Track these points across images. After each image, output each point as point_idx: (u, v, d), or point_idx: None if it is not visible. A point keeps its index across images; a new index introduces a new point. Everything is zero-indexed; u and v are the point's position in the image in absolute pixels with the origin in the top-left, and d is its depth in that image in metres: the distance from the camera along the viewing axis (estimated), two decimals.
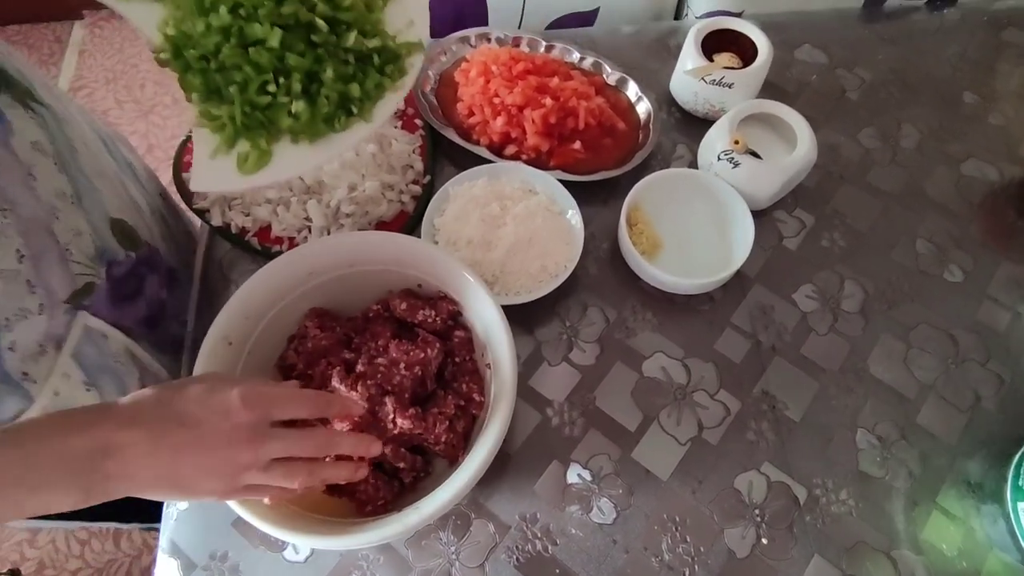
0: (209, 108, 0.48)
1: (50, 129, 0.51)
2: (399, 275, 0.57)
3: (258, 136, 0.48)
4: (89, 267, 0.53)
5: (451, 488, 0.45)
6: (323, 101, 0.49)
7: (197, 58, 0.47)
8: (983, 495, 0.57)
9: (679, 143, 0.75)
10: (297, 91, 0.48)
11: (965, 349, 0.63)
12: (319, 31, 0.48)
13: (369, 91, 0.50)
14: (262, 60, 0.47)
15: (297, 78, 0.48)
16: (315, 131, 0.49)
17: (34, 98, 0.51)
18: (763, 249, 0.68)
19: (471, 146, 0.71)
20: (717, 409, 0.60)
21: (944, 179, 0.73)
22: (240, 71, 0.47)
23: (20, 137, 0.48)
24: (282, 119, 0.48)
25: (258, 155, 0.48)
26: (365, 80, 0.50)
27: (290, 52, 0.47)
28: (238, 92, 0.47)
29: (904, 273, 0.67)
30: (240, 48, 0.47)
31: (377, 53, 0.51)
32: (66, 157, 0.52)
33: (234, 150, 0.48)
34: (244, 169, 0.47)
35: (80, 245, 0.52)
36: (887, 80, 0.80)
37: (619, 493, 0.57)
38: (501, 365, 0.50)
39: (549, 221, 0.64)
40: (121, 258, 0.57)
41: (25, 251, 0.46)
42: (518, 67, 0.72)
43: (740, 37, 0.73)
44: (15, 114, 0.48)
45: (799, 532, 0.55)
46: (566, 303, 0.65)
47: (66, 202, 0.51)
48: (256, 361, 0.55)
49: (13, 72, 0.50)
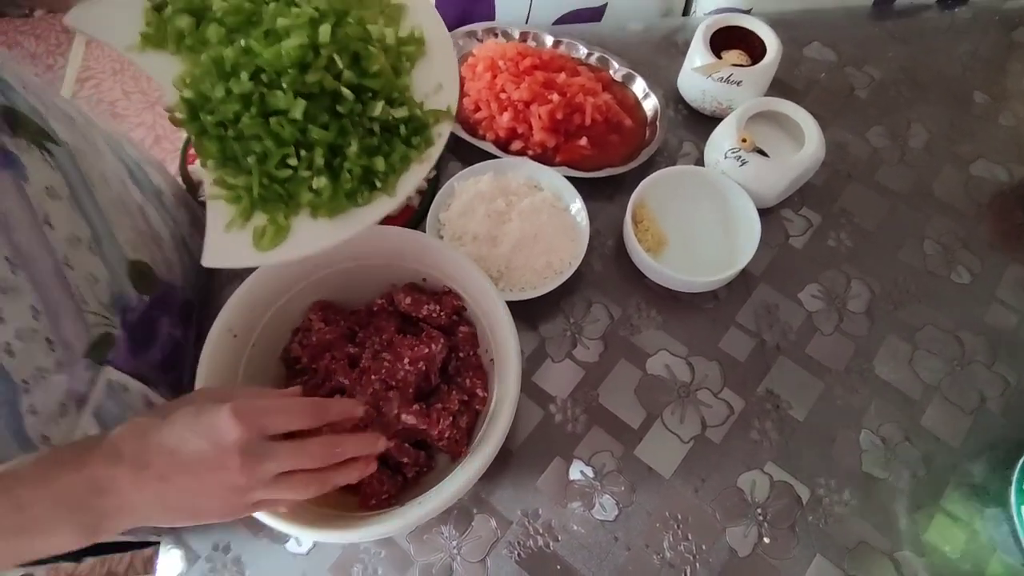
0: (224, 176, 0.45)
1: (65, 169, 0.48)
2: (404, 269, 0.57)
3: (276, 210, 0.45)
4: (105, 316, 0.50)
5: (454, 484, 0.45)
6: (346, 176, 0.45)
7: (214, 124, 0.44)
8: (987, 498, 0.57)
9: (686, 140, 0.75)
10: (320, 166, 0.45)
11: (971, 351, 0.63)
12: (345, 101, 0.45)
13: (394, 164, 0.47)
14: (284, 133, 0.44)
15: (320, 152, 0.45)
16: (336, 207, 0.46)
17: (50, 138, 0.47)
18: (769, 248, 0.68)
19: (477, 141, 0.71)
20: (721, 408, 0.60)
21: (953, 179, 0.73)
22: (260, 142, 0.44)
23: (35, 183, 0.44)
24: (302, 194, 0.45)
25: (275, 230, 0.45)
26: (391, 153, 0.47)
27: (313, 124, 0.44)
28: (256, 163, 0.44)
29: (911, 274, 0.67)
30: (261, 118, 0.44)
31: (404, 123, 0.47)
32: (82, 196, 0.49)
33: (249, 223, 0.45)
34: (260, 245, 0.44)
35: (96, 292, 0.49)
36: (897, 79, 0.80)
37: (621, 490, 0.56)
38: (505, 361, 0.50)
39: (554, 217, 0.63)
40: (135, 303, 0.54)
41: (40, 306, 0.44)
42: (525, 62, 0.72)
43: (749, 34, 0.73)
44: (30, 158, 0.45)
45: (801, 532, 0.55)
46: (570, 300, 0.65)
47: (82, 247, 0.48)
48: (260, 353, 0.55)
49: (27, 111, 0.47)
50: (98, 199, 0.51)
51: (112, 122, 1.83)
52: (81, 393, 0.49)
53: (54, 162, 0.47)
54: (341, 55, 0.44)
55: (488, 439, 0.47)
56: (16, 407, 0.44)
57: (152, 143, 1.80)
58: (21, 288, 0.42)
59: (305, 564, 0.54)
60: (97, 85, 1.90)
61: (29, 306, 0.43)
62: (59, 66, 1.94)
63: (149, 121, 1.84)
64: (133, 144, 0.67)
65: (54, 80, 1.91)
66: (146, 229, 0.59)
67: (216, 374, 0.50)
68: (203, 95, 0.44)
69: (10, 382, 0.43)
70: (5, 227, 0.42)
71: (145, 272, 0.56)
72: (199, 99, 0.44)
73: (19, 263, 0.42)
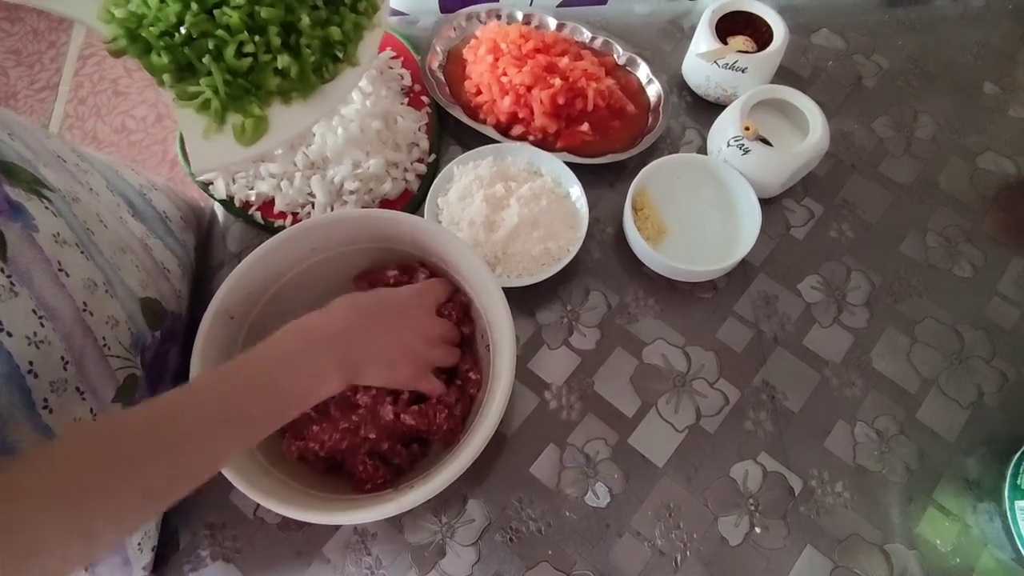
0: (184, 87, 0.45)
1: (64, 215, 0.47)
2: (402, 254, 0.57)
3: (248, 103, 0.46)
4: (128, 358, 0.50)
5: (446, 471, 0.45)
6: (307, 51, 0.46)
7: (158, 36, 0.44)
8: (980, 492, 0.57)
9: (689, 128, 0.74)
10: (277, 45, 0.45)
11: (971, 345, 0.62)
12: None
13: (348, 33, 0.48)
14: (232, 20, 0.44)
15: (274, 31, 0.45)
16: (306, 85, 0.47)
17: (44, 185, 0.46)
18: (769, 238, 0.67)
19: (478, 125, 0.70)
20: (716, 398, 0.60)
21: (958, 171, 0.72)
22: (211, 37, 0.44)
23: (43, 232, 0.43)
24: (268, 79, 0.46)
25: (254, 122, 0.45)
26: (342, 22, 0.48)
27: (258, 5, 0.44)
28: (213, 61, 0.44)
29: (912, 266, 0.66)
30: (204, 13, 0.43)
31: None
32: (85, 242, 0.48)
33: (226, 125, 0.45)
34: (243, 140, 0.45)
35: (117, 335, 0.49)
36: (905, 68, 0.78)
37: (614, 478, 0.57)
38: (501, 348, 0.50)
39: (554, 203, 0.63)
40: (149, 341, 0.54)
41: (68, 356, 0.43)
42: (528, 46, 0.71)
43: (755, 19, 0.71)
44: (34, 207, 0.44)
45: (793, 522, 0.55)
46: (568, 287, 0.65)
47: (99, 292, 0.47)
48: (258, 335, 0.55)
49: (17, 160, 0.45)
50: (99, 242, 0.50)
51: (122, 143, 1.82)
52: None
53: (54, 208, 0.46)
54: None
55: (481, 426, 0.47)
56: None
57: (154, 121, 1.79)
58: (51, 340, 0.42)
59: (299, 542, 0.55)
60: (100, 63, 1.89)
61: (59, 357, 0.42)
62: (62, 43, 1.93)
63: (151, 99, 1.83)
64: (135, 169, 0.65)
65: (57, 56, 1.90)
66: (151, 265, 0.57)
67: (211, 354, 0.50)
68: (135, 14, 0.44)
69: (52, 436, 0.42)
70: (29, 281, 0.41)
71: (155, 308, 0.55)
72: (133, 18, 0.44)
73: (46, 314, 0.42)
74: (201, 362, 0.49)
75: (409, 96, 0.74)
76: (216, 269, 0.66)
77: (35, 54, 1.91)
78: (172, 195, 0.68)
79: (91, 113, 1.82)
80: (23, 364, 0.39)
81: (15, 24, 1.96)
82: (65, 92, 1.86)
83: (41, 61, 1.90)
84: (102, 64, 1.89)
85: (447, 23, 0.77)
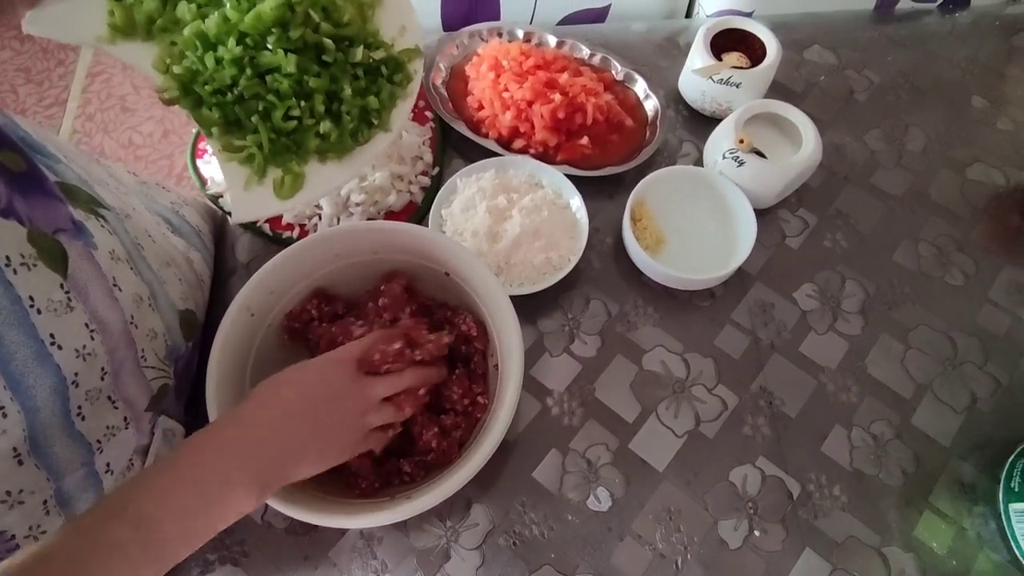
0: (231, 140, 0.49)
1: (118, 233, 0.49)
2: (420, 267, 0.58)
3: (287, 160, 0.49)
4: (162, 369, 0.52)
5: (454, 478, 0.46)
6: (347, 118, 0.50)
7: (211, 93, 0.47)
8: (975, 496, 0.58)
9: (685, 141, 0.76)
10: (321, 112, 0.49)
11: (964, 352, 0.64)
12: (328, 50, 0.49)
13: (384, 101, 0.52)
14: (283, 87, 0.47)
15: (320, 100, 0.49)
16: (343, 147, 0.50)
17: (98, 203, 0.48)
18: (765, 247, 0.69)
19: (480, 139, 0.72)
20: (715, 403, 0.61)
21: (949, 183, 0.73)
22: (261, 100, 0.48)
23: (102, 249, 0.46)
24: (310, 141, 0.50)
25: (293, 178, 0.49)
26: (380, 92, 0.52)
27: (306, 75, 0.48)
28: (261, 120, 0.48)
29: (905, 275, 0.68)
30: (257, 77, 0.47)
31: (384, 64, 0.53)
32: (136, 258, 0.51)
33: (267, 178, 0.49)
34: (282, 194, 0.49)
35: (155, 347, 0.51)
36: (896, 83, 0.81)
37: (616, 482, 0.58)
38: (508, 358, 0.51)
39: (555, 214, 0.65)
40: (183, 352, 0.56)
41: (108, 367, 0.45)
42: (528, 62, 0.73)
43: (749, 36, 0.74)
44: (92, 225, 0.46)
45: (791, 526, 0.56)
46: (569, 296, 0.66)
47: (144, 305, 0.49)
48: (274, 333, 0.57)
49: (75, 181, 0.47)
50: (147, 256, 0.53)
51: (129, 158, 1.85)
52: (144, 446, 0.51)
53: (109, 227, 0.48)
54: (315, 10, 0.48)
55: (484, 442, 0.48)
56: (92, 467, 0.45)
57: (161, 136, 1.82)
58: (97, 352, 0.43)
59: (305, 546, 0.56)
60: (107, 80, 1.93)
61: (100, 368, 0.44)
62: (70, 60, 1.96)
63: (159, 115, 1.86)
64: (163, 186, 0.67)
65: (66, 74, 1.93)
66: (192, 277, 0.60)
67: (230, 348, 0.52)
68: (192, 69, 0.47)
69: (85, 444, 0.44)
70: (85, 295, 0.43)
71: (192, 320, 0.58)
72: (188, 73, 0.47)
73: (96, 328, 0.43)
74: (221, 355, 0.51)
75: (414, 111, 0.76)
76: (227, 277, 0.68)
77: (44, 72, 1.95)
78: (200, 208, 0.71)
79: (98, 129, 1.85)
80: (69, 376, 0.41)
81: (24, 43, 1.99)
82: (73, 108, 1.89)
83: (50, 78, 1.94)
84: (110, 81, 1.92)
85: (450, 41, 0.79)
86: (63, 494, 0.43)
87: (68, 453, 0.43)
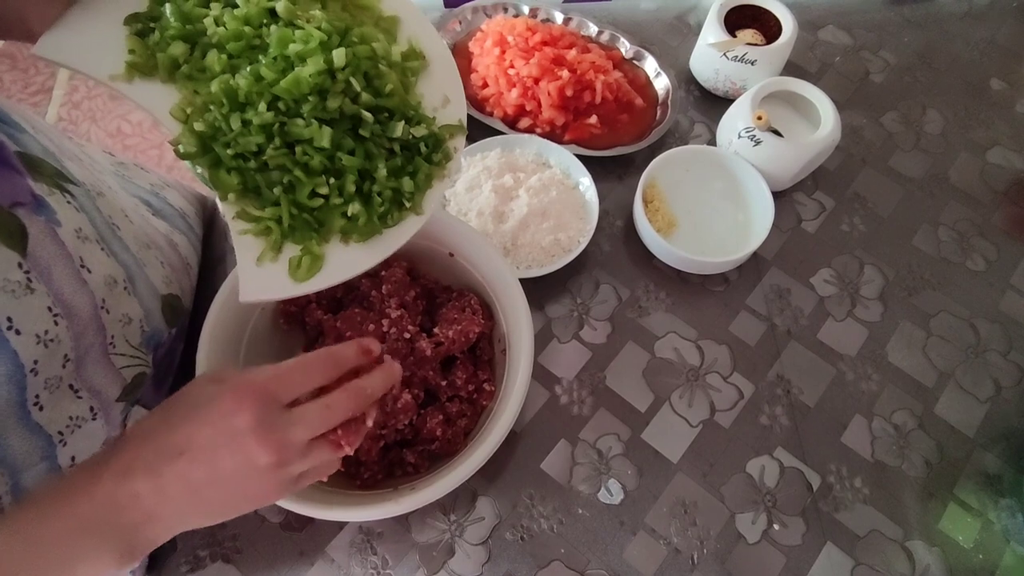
0: (247, 208, 0.43)
1: (87, 211, 0.45)
2: (423, 247, 0.55)
3: (307, 239, 0.44)
4: (136, 356, 0.48)
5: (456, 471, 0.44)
6: (377, 200, 0.44)
7: (232, 156, 0.42)
8: (1001, 488, 0.55)
9: (697, 122, 0.73)
10: (351, 192, 0.43)
11: (986, 339, 0.61)
12: (366, 124, 0.43)
13: (420, 183, 0.46)
14: (313, 163, 0.42)
15: (351, 179, 0.43)
16: (370, 231, 0.44)
17: (66, 178, 0.44)
18: (781, 231, 0.66)
19: (485, 118, 0.69)
20: (730, 392, 0.59)
21: (968, 166, 0.71)
22: (287, 173, 0.42)
23: (66, 227, 0.41)
24: (335, 221, 0.44)
25: (311, 260, 0.43)
26: (416, 172, 0.46)
27: (339, 150, 0.43)
28: (284, 194, 0.42)
29: (925, 260, 0.65)
30: (286, 148, 0.42)
31: (424, 142, 0.46)
32: (108, 236, 0.46)
33: (282, 255, 0.43)
34: (297, 276, 0.43)
35: (128, 334, 0.47)
36: (912, 64, 0.78)
37: (628, 474, 0.55)
38: (517, 343, 0.49)
39: (563, 194, 0.62)
40: (165, 338, 0.52)
41: (72, 354, 0.41)
42: (534, 38, 0.70)
43: (763, 13, 0.71)
44: (56, 201, 0.41)
45: (811, 519, 0.54)
46: (578, 280, 0.63)
47: (118, 289, 0.45)
48: (266, 324, 0.54)
49: (41, 153, 0.43)
50: (124, 237, 0.48)
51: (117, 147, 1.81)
52: (115, 438, 0.46)
53: (77, 204, 0.44)
54: (356, 77, 0.42)
55: (491, 432, 0.45)
56: (55, 461, 0.42)
57: (151, 125, 1.77)
58: (61, 338, 0.40)
59: (302, 541, 0.53)
60: None
61: (63, 355, 0.40)
62: None
63: None
64: (141, 167, 0.63)
65: (54, 72, 1.89)
66: (176, 260, 0.56)
67: (221, 334, 0.49)
68: (215, 126, 0.41)
69: (45, 436, 0.40)
70: (48, 276, 0.39)
71: (175, 305, 0.54)
72: (211, 130, 0.41)
73: (61, 312, 0.40)
74: (210, 343, 0.47)
75: None
76: (217, 262, 0.65)
77: (30, 58, 1.90)
78: (183, 190, 0.67)
79: (85, 117, 1.80)
80: (28, 363, 0.37)
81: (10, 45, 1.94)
82: (59, 96, 1.84)
83: (36, 65, 1.88)
84: None
85: (452, 17, 0.76)
86: (22, 490, 0.40)
87: (26, 446, 0.39)
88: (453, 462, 0.47)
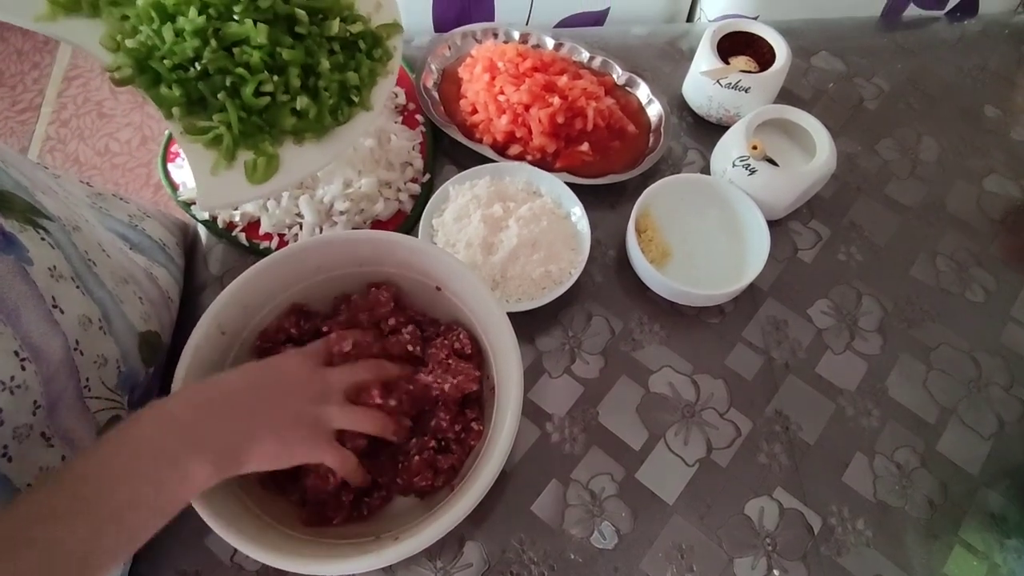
0: (194, 121, 0.43)
1: (63, 246, 0.43)
2: (410, 280, 0.53)
3: (261, 141, 0.45)
4: (112, 399, 0.46)
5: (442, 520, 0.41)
6: (325, 94, 0.46)
7: (170, 69, 0.42)
8: (1007, 528, 0.54)
9: (691, 149, 0.72)
10: (297, 86, 0.45)
11: (988, 373, 0.60)
12: (301, 22, 0.45)
13: (364, 78, 0.48)
14: (253, 60, 0.43)
15: (295, 73, 0.45)
16: (321, 127, 0.46)
17: (39, 213, 0.42)
18: (776, 261, 0.65)
19: (474, 145, 0.68)
20: (727, 429, 0.57)
21: (965, 194, 0.70)
22: (229, 74, 0.43)
23: (38, 265, 0.40)
24: (285, 119, 0.45)
25: (267, 161, 0.44)
26: (359, 67, 0.48)
27: (279, 46, 0.44)
28: (229, 98, 0.43)
29: (924, 291, 0.64)
30: (223, 50, 0.42)
31: (362, 38, 0.49)
32: (84, 274, 0.45)
33: (236, 161, 0.44)
34: (254, 178, 0.43)
35: (103, 375, 0.45)
36: (906, 91, 0.78)
37: (622, 516, 0.53)
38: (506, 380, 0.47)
39: (554, 224, 0.60)
40: (142, 378, 0.50)
41: (43, 400, 0.39)
42: (525, 64, 0.69)
43: (756, 40, 0.70)
44: (27, 237, 0.40)
45: (812, 564, 0.51)
46: (569, 312, 0.61)
47: (92, 329, 0.44)
48: (247, 354, 0.51)
49: (12, 187, 0.41)
50: (100, 273, 0.46)
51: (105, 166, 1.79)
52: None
53: (52, 240, 0.42)
54: None
55: (480, 474, 0.43)
56: None
57: (139, 144, 1.75)
58: (29, 384, 0.37)
59: None
60: (84, 84, 1.86)
61: (32, 402, 0.38)
62: (46, 63, 1.90)
63: (137, 122, 1.80)
64: (120, 196, 0.61)
65: (40, 77, 1.87)
66: (156, 294, 0.54)
67: (197, 371, 0.46)
68: (147, 44, 0.42)
69: (13, 491, 0.38)
70: (16, 319, 0.37)
71: (154, 342, 0.51)
72: (145, 49, 0.42)
73: (29, 356, 0.38)
74: (186, 378, 0.45)
75: (403, 115, 0.71)
76: (198, 291, 0.63)
77: (17, 75, 1.88)
78: (163, 219, 0.64)
79: (73, 135, 1.78)
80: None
81: None
82: (47, 113, 1.82)
83: (24, 82, 1.87)
84: (87, 86, 1.86)
85: (442, 42, 0.75)
86: None
87: None
88: (440, 508, 0.45)
